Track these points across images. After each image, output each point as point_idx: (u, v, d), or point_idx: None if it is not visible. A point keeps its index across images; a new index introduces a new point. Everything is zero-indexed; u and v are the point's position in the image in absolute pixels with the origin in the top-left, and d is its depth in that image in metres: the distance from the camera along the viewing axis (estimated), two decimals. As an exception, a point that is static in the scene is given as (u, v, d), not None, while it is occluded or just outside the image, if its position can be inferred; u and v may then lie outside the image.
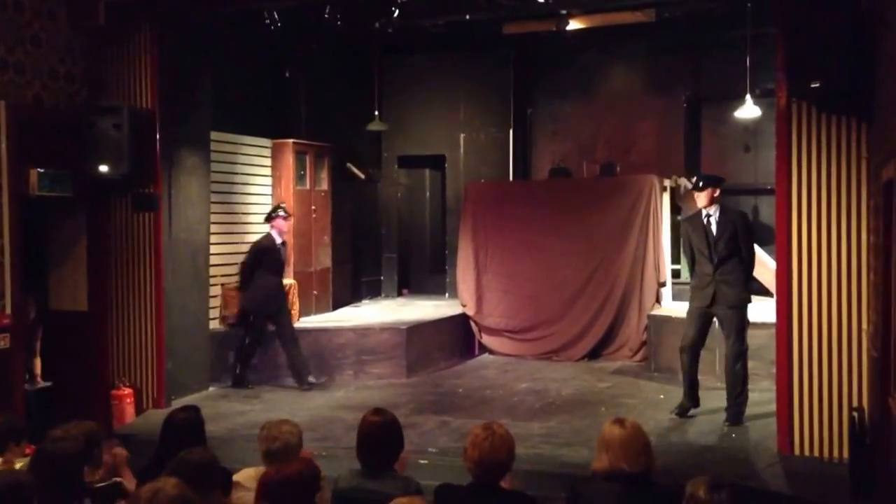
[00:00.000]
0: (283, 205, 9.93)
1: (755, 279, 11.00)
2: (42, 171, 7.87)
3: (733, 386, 7.68)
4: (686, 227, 8.14)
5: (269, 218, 9.76)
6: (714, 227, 7.68)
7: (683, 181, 11.19)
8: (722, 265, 7.63)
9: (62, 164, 8.12)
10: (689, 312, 8.00)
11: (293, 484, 3.49)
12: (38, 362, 8.18)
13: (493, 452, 3.86)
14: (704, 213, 7.76)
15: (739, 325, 7.66)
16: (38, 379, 8.14)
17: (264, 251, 9.64)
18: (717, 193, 7.79)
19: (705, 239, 7.69)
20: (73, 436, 3.93)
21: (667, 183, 11.22)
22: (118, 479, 4.23)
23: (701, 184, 7.83)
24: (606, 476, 3.82)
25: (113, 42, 8.78)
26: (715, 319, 7.88)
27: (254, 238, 10.97)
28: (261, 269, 9.60)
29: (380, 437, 4.27)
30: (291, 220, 10.18)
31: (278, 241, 9.73)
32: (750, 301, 7.79)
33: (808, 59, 6.30)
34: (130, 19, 8.73)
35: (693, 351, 7.86)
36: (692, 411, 7.94)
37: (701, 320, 7.81)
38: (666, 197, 11.09)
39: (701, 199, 7.77)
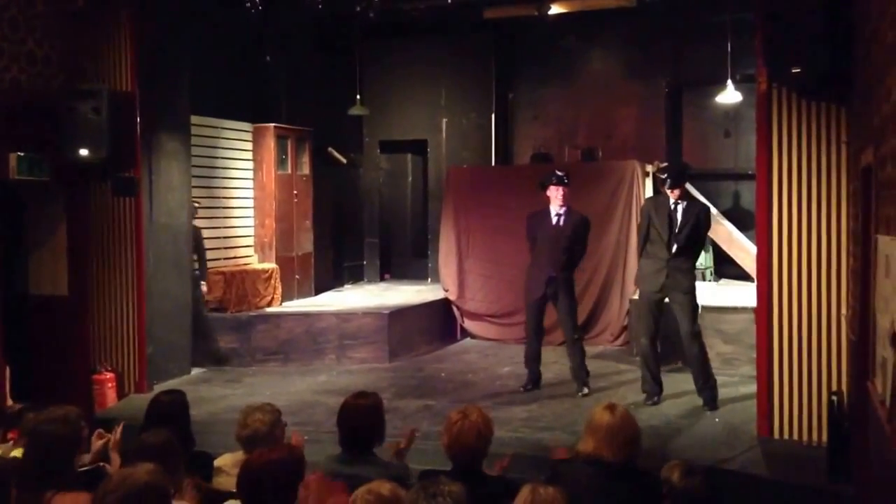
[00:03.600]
0: (558, 172, 8.56)
1: (735, 263, 11.15)
2: (20, 154, 7.79)
3: (696, 369, 7.77)
4: (649, 206, 8.13)
5: (542, 187, 8.55)
6: (679, 216, 7.74)
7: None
8: (678, 254, 7.72)
9: (41, 147, 8.04)
10: (641, 297, 8.08)
11: (274, 470, 3.48)
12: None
13: (461, 437, 3.90)
14: (672, 198, 7.81)
15: (692, 309, 7.77)
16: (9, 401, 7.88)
17: (534, 226, 8.58)
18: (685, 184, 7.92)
19: (668, 225, 7.74)
20: (65, 417, 3.92)
21: (648, 168, 11.24)
22: (102, 464, 4.22)
23: (669, 180, 7.84)
24: (587, 460, 3.85)
25: (91, 25, 8.70)
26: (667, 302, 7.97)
27: (235, 221, 10.96)
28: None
29: (361, 419, 4.27)
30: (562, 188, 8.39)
31: (553, 212, 8.42)
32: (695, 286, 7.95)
33: (788, 45, 6.31)
34: (109, 2, 8.66)
35: (655, 336, 7.96)
36: (665, 394, 8.02)
37: (656, 305, 7.91)
38: (648, 182, 11.11)
39: (675, 194, 7.80)
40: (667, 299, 7.90)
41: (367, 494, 3.16)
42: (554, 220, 8.42)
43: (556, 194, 8.39)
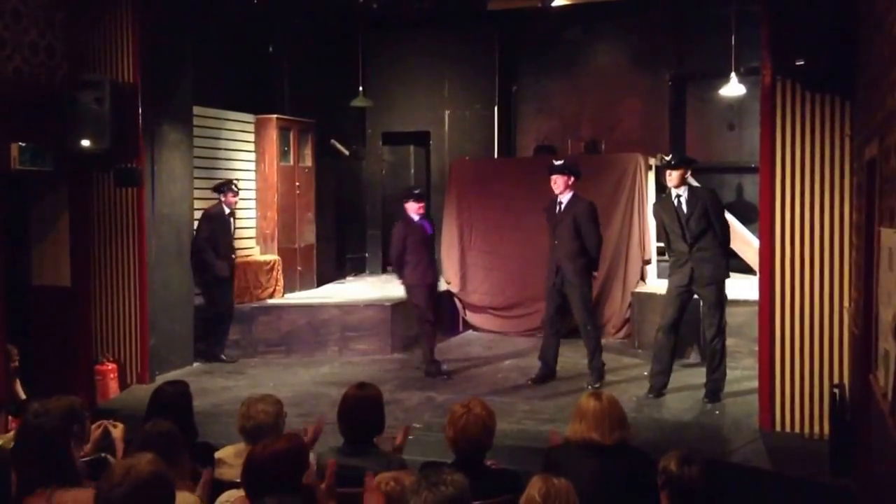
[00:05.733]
0: (554, 162, 8.65)
1: (738, 256, 11.14)
2: (23, 145, 7.79)
3: (713, 362, 7.77)
4: (657, 209, 8.18)
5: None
6: (684, 206, 7.73)
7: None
8: (697, 242, 7.67)
9: (43, 138, 8.04)
10: (668, 291, 8.04)
11: (279, 460, 3.49)
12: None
13: (467, 431, 3.91)
14: (674, 193, 7.80)
15: (718, 301, 7.72)
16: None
17: (547, 217, 8.69)
18: (688, 174, 7.86)
19: (677, 219, 7.73)
20: (55, 409, 3.90)
21: (652, 161, 11.22)
22: (105, 455, 4.21)
23: (674, 162, 7.85)
24: (578, 445, 3.96)
25: (94, 15, 8.69)
26: (696, 297, 7.92)
27: (237, 212, 10.92)
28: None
29: (360, 410, 4.28)
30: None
31: (557, 200, 8.53)
32: (728, 277, 7.82)
33: (793, 37, 6.31)
34: (112, -8, 8.65)
35: (672, 330, 7.89)
36: (668, 387, 8.00)
37: (680, 299, 7.85)
38: (651, 175, 11.09)
39: (673, 177, 7.79)
40: (695, 295, 7.86)
41: (392, 482, 3.20)
42: (557, 208, 8.47)
43: (555, 183, 8.46)
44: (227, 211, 9.76)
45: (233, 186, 9.86)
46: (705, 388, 7.76)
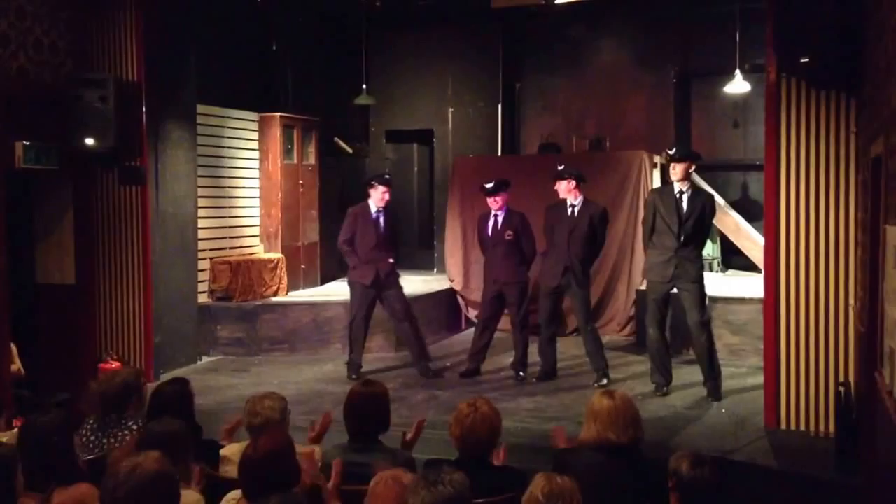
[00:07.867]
0: (558, 167, 8.56)
1: (743, 254, 11.14)
2: (27, 143, 7.80)
3: (703, 359, 7.76)
4: (655, 197, 8.09)
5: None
6: (686, 205, 7.71)
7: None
8: (686, 243, 7.69)
9: (48, 136, 8.05)
10: (649, 292, 8.03)
11: (274, 458, 3.48)
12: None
13: (474, 430, 3.90)
14: (677, 188, 7.77)
15: (700, 298, 7.75)
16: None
17: (551, 218, 8.61)
18: (692, 169, 7.85)
19: (676, 214, 7.71)
20: (56, 409, 3.91)
21: (656, 159, 11.20)
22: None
23: (678, 155, 7.85)
24: (593, 446, 3.86)
25: (98, 13, 8.70)
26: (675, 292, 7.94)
27: (241, 210, 10.93)
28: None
29: (367, 408, 4.27)
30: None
31: (568, 203, 8.42)
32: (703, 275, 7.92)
33: (798, 34, 6.29)
34: (116, -10, 8.65)
35: (660, 326, 7.93)
36: (672, 385, 8.00)
37: (665, 298, 7.88)
38: (656, 173, 11.07)
39: (676, 171, 7.77)
40: (675, 290, 7.88)
41: (390, 480, 3.19)
42: (569, 211, 8.43)
43: (559, 188, 8.46)
44: (373, 209, 8.67)
45: (383, 177, 8.76)
46: (706, 388, 7.76)
